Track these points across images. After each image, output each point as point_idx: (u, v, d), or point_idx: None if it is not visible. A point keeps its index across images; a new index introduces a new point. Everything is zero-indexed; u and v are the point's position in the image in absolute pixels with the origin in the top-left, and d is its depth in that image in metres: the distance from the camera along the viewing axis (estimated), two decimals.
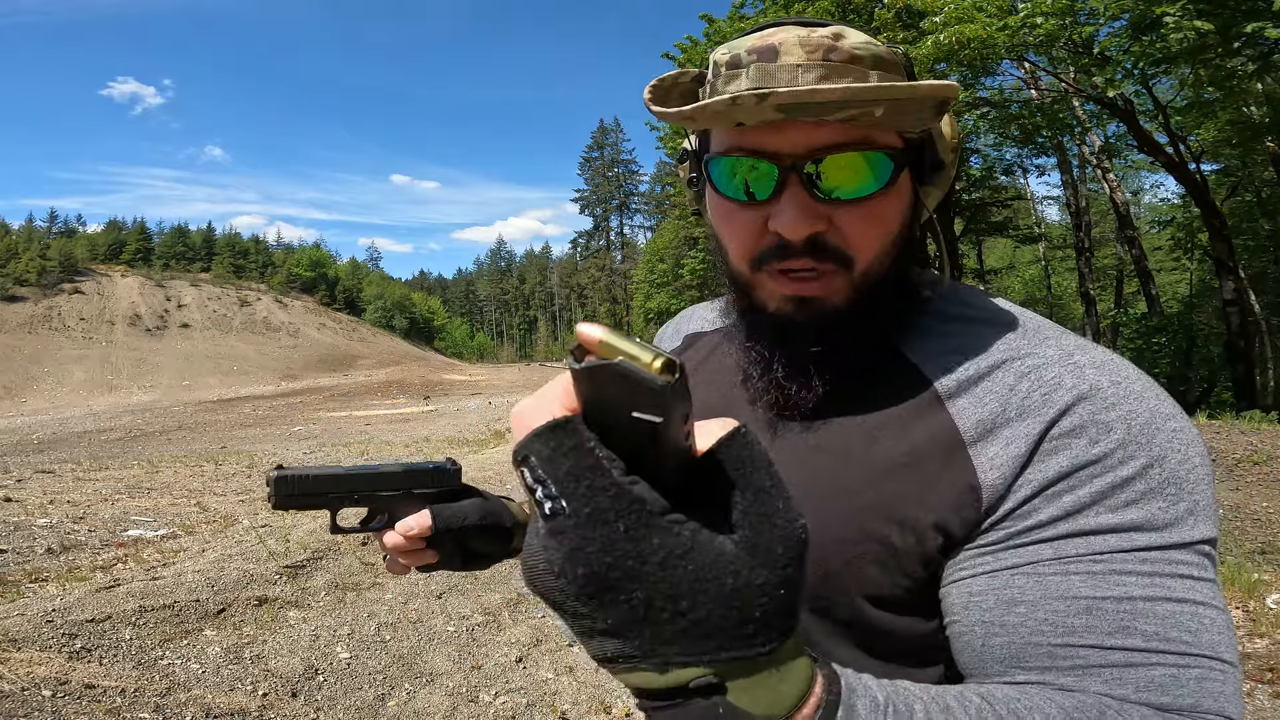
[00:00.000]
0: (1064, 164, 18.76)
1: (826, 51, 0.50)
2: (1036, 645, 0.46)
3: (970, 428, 0.51)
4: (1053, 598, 0.46)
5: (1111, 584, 0.45)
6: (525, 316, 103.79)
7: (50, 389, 34.50)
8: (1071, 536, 0.47)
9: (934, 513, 0.50)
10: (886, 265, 0.56)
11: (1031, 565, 0.47)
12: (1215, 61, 8.66)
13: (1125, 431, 0.47)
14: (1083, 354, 0.52)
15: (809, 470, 0.56)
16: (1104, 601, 0.45)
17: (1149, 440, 0.47)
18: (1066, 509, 0.47)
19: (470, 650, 3.07)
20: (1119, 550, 0.46)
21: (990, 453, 0.50)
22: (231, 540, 4.40)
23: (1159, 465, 0.47)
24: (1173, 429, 0.48)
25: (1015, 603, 0.47)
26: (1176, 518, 0.46)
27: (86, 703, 2.30)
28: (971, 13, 9.12)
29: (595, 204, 70.81)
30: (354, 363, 47.84)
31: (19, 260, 52.53)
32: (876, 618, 0.54)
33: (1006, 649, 0.48)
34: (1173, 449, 0.47)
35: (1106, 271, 25.22)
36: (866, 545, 0.52)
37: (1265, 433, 6.76)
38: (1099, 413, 0.48)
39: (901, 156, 0.54)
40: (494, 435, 11.30)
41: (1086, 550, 0.46)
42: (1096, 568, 0.46)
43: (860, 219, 0.53)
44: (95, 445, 12.86)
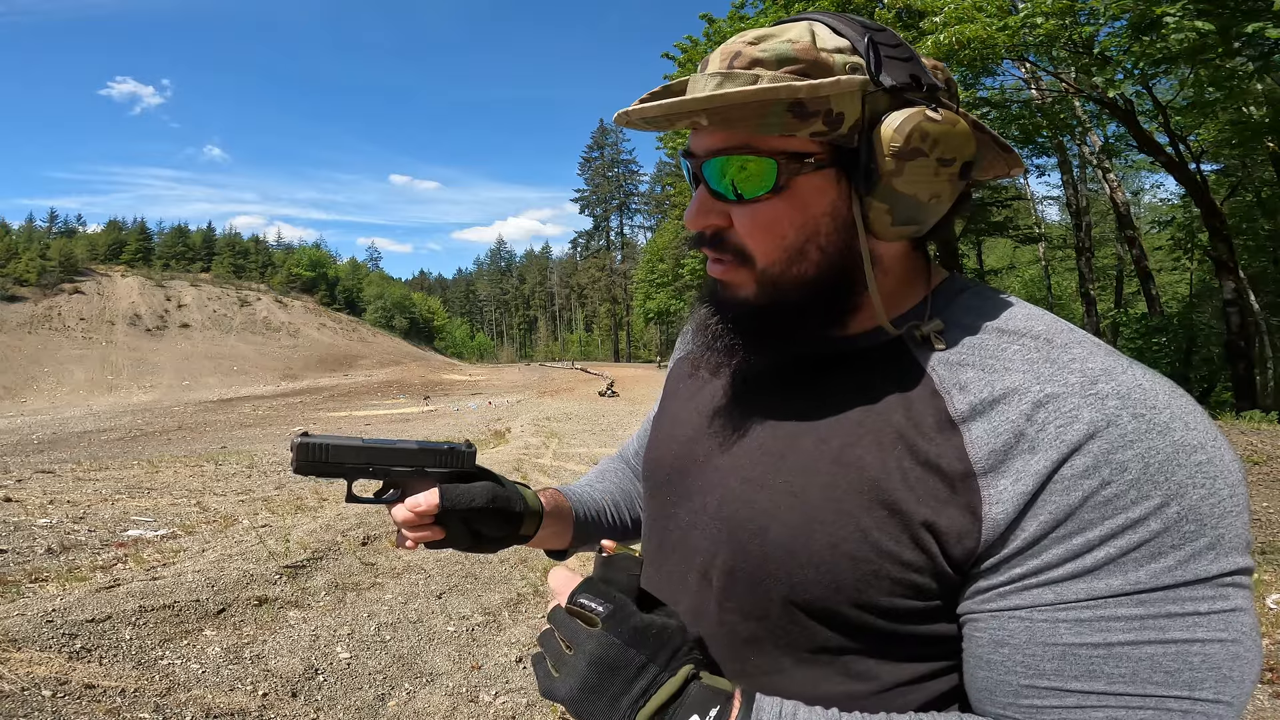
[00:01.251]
0: (1064, 164, 18.76)
1: (733, 59, 0.53)
2: (1006, 684, 0.49)
3: (982, 457, 0.49)
4: (1036, 642, 0.47)
5: (1095, 629, 0.46)
6: (525, 316, 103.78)
7: (50, 389, 34.49)
8: (1074, 579, 0.47)
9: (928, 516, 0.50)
10: (794, 272, 0.56)
11: (1029, 609, 0.48)
12: (1215, 62, 8.65)
13: (1141, 470, 0.46)
14: (1108, 381, 0.49)
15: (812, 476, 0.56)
16: (1080, 647, 0.46)
17: (1167, 478, 0.46)
18: (1074, 551, 0.47)
19: (470, 650, 3.07)
20: (1119, 594, 0.46)
21: (1000, 486, 0.48)
22: (231, 540, 4.40)
23: (1176, 502, 0.45)
24: (1197, 462, 0.46)
25: (1002, 644, 0.49)
26: (1193, 554, 0.45)
27: (86, 703, 2.30)
28: (971, 13, 9.12)
29: (595, 204, 70.79)
30: (354, 363, 47.83)
31: (19, 260, 52.53)
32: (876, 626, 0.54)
33: (985, 683, 0.50)
34: (1194, 484, 0.46)
35: (1106, 271, 25.22)
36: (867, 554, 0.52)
37: (1265, 433, 6.76)
38: (1114, 451, 0.46)
39: (796, 163, 0.53)
40: (494, 435, 11.30)
41: (1086, 595, 0.46)
42: (1086, 614, 0.46)
43: (749, 220, 0.55)
44: (95, 445, 12.86)
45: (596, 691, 0.51)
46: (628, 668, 0.52)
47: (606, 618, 0.53)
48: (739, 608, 0.59)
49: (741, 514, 0.59)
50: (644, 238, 69.01)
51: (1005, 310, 0.57)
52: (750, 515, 0.58)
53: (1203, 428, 0.48)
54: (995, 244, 26.67)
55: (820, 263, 0.56)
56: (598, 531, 0.87)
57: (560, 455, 8.66)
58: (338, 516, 4.95)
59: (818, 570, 0.54)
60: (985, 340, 0.55)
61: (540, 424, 12.47)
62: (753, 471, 0.60)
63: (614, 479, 0.95)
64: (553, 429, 11.62)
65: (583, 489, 0.90)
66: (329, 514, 5.14)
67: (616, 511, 0.90)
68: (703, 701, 0.51)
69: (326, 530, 4.49)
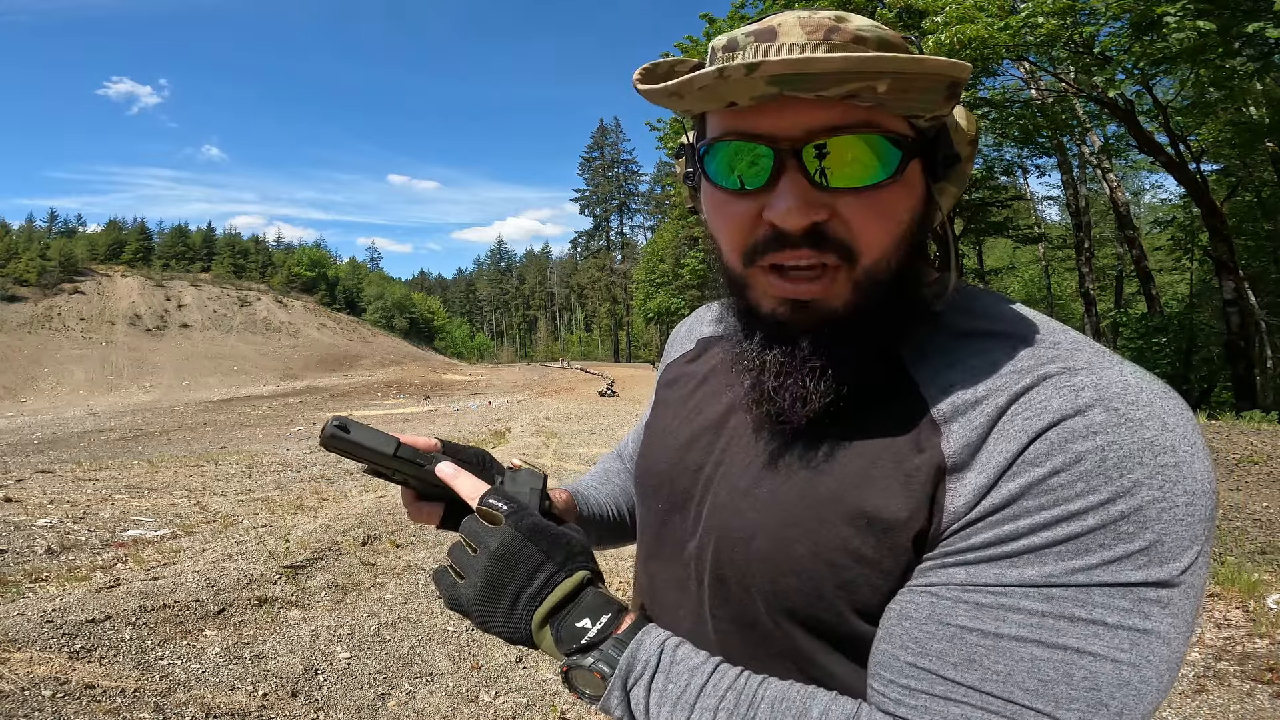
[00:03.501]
0: (1064, 164, 18.76)
1: (828, 31, 0.47)
2: (895, 659, 0.47)
3: (954, 453, 0.48)
4: (933, 619, 0.46)
5: (990, 617, 0.44)
6: (525, 316, 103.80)
7: (50, 389, 34.49)
8: (990, 563, 0.45)
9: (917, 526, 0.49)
10: (893, 266, 0.51)
11: (940, 586, 0.46)
12: (1215, 61, 8.65)
13: (1097, 463, 0.42)
14: (1089, 374, 0.46)
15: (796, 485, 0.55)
16: (970, 633, 0.44)
17: (1122, 474, 0.42)
18: (1001, 536, 0.44)
19: (470, 650, 3.07)
20: (1028, 584, 0.43)
21: (965, 479, 0.47)
22: (231, 540, 4.40)
23: (1124, 499, 0.42)
24: (1162, 463, 0.42)
25: (906, 616, 0.47)
26: (1120, 556, 0.42)
27: (86, 703, 2.30)
28: (973, 12, 9.12)
29: (595, 204, 70.80)
30: (354, 363, 47.82)
31: (19, 260, 52.53)
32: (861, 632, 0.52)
33: (880, 656, 0.49)
34: (1151, 484, 0.42)
35: (1106, 271, 25.23)
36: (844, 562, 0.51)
37: (1265, 433, 6.76)
38: (1072, 440, 0.43)
39: (911, 146, 0.49)
40: (494, 435, 11.30)
41: (995, 580, 0.44)
42: (989, 599, 0.44)
43: (865, 209, 0.49)
44: (95, 445, 12.86)
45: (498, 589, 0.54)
46: (527, 562, 0.54)
47: (509, 514, 0.56)
48: (729, 616, 0.59)
49: (730, 524, 0.58)
50: (644, 238, 69.06)
51: (997, 312, 0.55)
52: (739, 525, 0.57)
53: (1182, 431, 0.44)
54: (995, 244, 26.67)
55: (904, 259, 0.52)
56: (602, 533, 0.87)
57: (560, 455, 8.66)
58: (338, 516, 4.95)
59: (799, 578, 0.52)
60: (974, 343, 0.53)
61: (540, 424, 12.47)
62: (741, 481, 0.59)
63: (616, 480, 0.95)
64: (553, 429, 11.62)
65: (589, 490, 0.90)
66: (329, 514, 5.14)
67: (618, 511, 0.91)
68: (595, 608, 0.53)
69: (326, 530, 4.49)
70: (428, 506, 0.70)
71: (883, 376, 0.54)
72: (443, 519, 0.70)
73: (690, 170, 0.58)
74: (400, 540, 4.46)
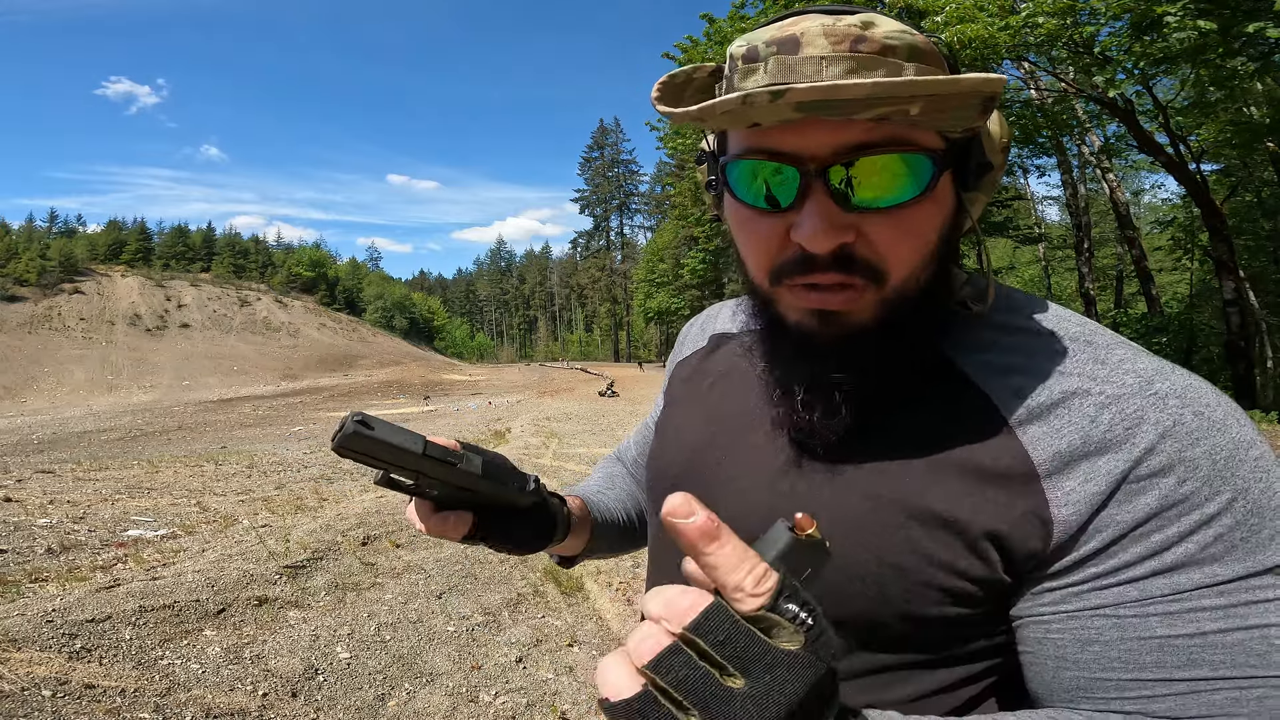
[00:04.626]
0: (1064, 164, 18.76)
1: (854, 42, 0.45)
2: (1106, 680, 0.48)
3: (1046, 459, 0.49)
4: (1129, 638, 0.47)
5: (1185, 621, 0.46)
6: (525, 316, 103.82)
7: (50, 389, 34.49)
8: (1156, 576, 0.47)
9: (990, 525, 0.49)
10: (923, 280, 0.51)
11: (1114, 607, 0.47)
12: (1216, 61, 8.65)
13: (1210, 467, 0.46)
14: (1162, 381, 0.49)
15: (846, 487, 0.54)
16: (1176, 639, 0.46)
17: (1233, 473, 0.47)
18: (1154, 549, 0.47)
19: (470, 650, 3.07)
20: (1200, 586, 0.46)
21: (1067, 487, 0.48)
22: (231, 540, 4.39)
23: (1243, 497, 0.46)
24: (1255, 458, 0.47)
25: (1091, 642, 0.48)
26: (1258, 545, 0.46)
27: (86, 703, 2.30)
28: (973, 12, 9.12)
29: (595, 204, 70.79)
30: (354, 363, 47.83)
31: (19, 260, 52.53)
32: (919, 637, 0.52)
33: (1076, 681, 0.49)
34: (1255, 479, 0.47)
35: (1106, 271, 25.23)
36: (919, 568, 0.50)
37: (1265, 433, 6.76)
38: (1185, 449, 0.47)
39: (942, 159, 0.48)
40: (494, 435, 11.30)
41: (1170, 590, 0.46)
42: (1174, 607, 0.46)
43: (894, 229, 0.49)
44: (95, 445, 12.86)
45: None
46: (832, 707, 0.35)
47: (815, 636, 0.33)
48: None
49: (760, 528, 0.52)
50: (644, 238, 69.07)
51: (1038, 311, 0.56)
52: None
53: (1249, 424, 0.49)
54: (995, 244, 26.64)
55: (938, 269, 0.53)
56: (610, 540, 0.84)
57: (560, 455, 8.66)
58: (338, 516, 4.95)
59: (863, 583, 0.52)
60: (1028, 343, 0.54)
61: (540, 424, 12.47)
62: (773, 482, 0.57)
63: (622, 485, 0.92)
64: (552, 429, 11.61)
65: (597, 496, 0.86)
66: (329, 514, 5.14)
67: (628, 518, 0.88)
68: None
69: (326, 530, 4.49)
70: (454, 516, 0.61)
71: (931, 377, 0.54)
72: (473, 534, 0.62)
73: (713, 179, 0.57)
74: (400, 540, 4.46)
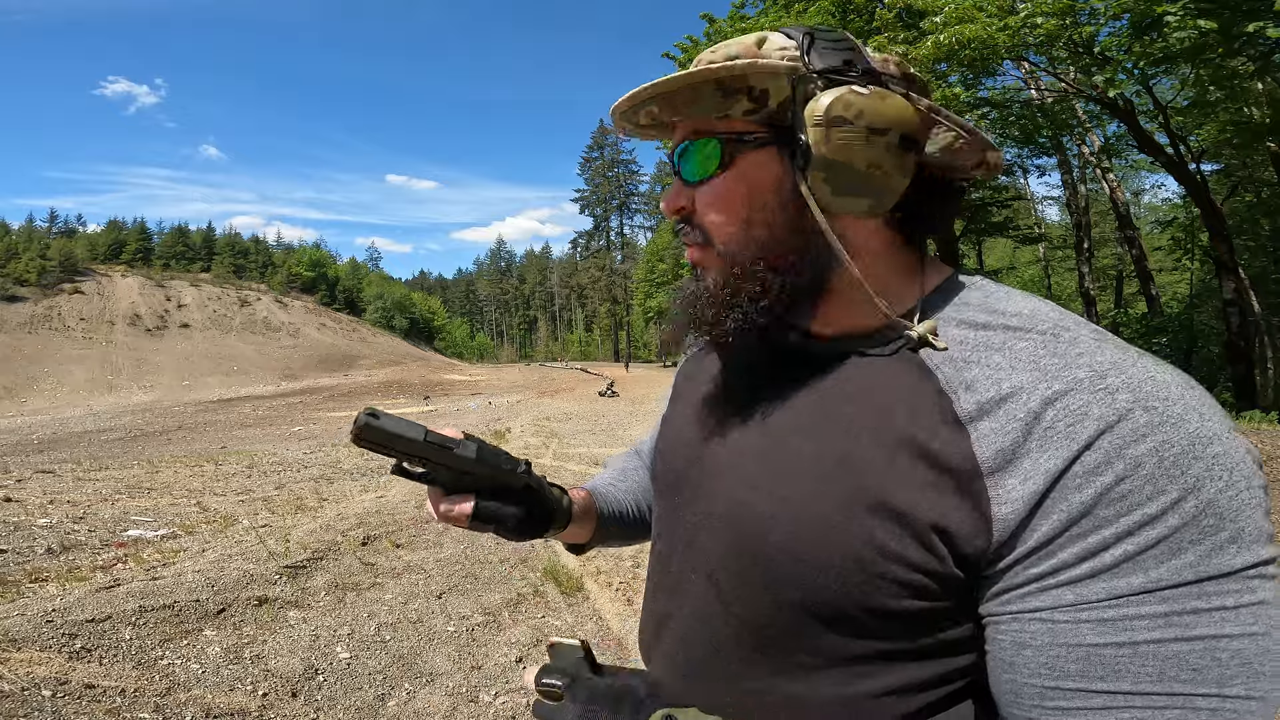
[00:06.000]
0: (1064, 164, 18.76)
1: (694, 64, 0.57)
2: (1031, 686, 0.48)
3: (990, 456, 0.49)
4: (1059, 643, 0.47)
5: (1119, 629, 0.45)
6: (525, 317, 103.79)
7: (50, 389, 34.48)
8: (1093, 579, 0.46)
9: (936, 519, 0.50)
10: (752, 246, 0.58)
11: (1050, 610, 0.47)
12: (1216, 61, 8.64)
13: (1156, 465, 0.45)
14: (1118, 375, 0.48)
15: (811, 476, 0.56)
16: (1105, 648, 0.45)
17: (1183, 471, 0.45)
18: (1091, 549, 0.46)
19: (470, 650, 3.07)
20: (1141, 591, 0.45)
21: (1008, 485, 0.48)
22: (231, 540, 4.39)
23: (1193, 496, 0.44)
24: (1214, 454, 0.45)
25: (1025, 646, 0.48)
26: (1214, 548, 0.44)
27: (86, 703, 2.30)
28: (972, 12, 9.12)
29: (595, 204, 70.74)
30: (354, 363, 47.80)
31: (19, 260, 52.48)
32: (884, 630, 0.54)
33: (1010, 686, 0.50)
34: (1211, 476, 0.45)
35: (1106, 272, 25.23)
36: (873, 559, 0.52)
37: (1265, 433, 6.75)
38: (1127, 445, 0.45)
39: (736, 143, 0.58)
40: (494, 435, 11.30)
41: (1107, 594, 0.45)
42: (1110, 613, 0.45)
43: (706, 199, 0.60)
44: (95, 445, 12.86)
45: None
46: None
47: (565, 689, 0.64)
48: (746, 611, 0.60)
49: (743, 516, 0.60)
50: (644, 238, 69.05)
51: (1010, 305, 0.56)
52: (752, 518, 0.59)
53: (1217, 419, 0.47)
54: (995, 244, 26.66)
55: (770, 238, 0.58)
56: (619, 529, 0.91)
57: (560, 455, 8.66)
58: (338, 517, 4.95)
59: (827, 574, 0.54)
60: (991, 337, 0.54)
61: (540, 424, 12.47)
62: (754, 475, 0.60)
63: (635, 477, 0.97)
64: (553, 429, 11.61)
65: (606, 488, 0.93)
66: (329, 514, 5.14)
67: (637, 509, 0.94)
68: None
69: (326, 530, 4.49)
70: (459, 500, 0.69)
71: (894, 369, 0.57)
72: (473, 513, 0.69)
73: None
74: (400, 540, 4.46)
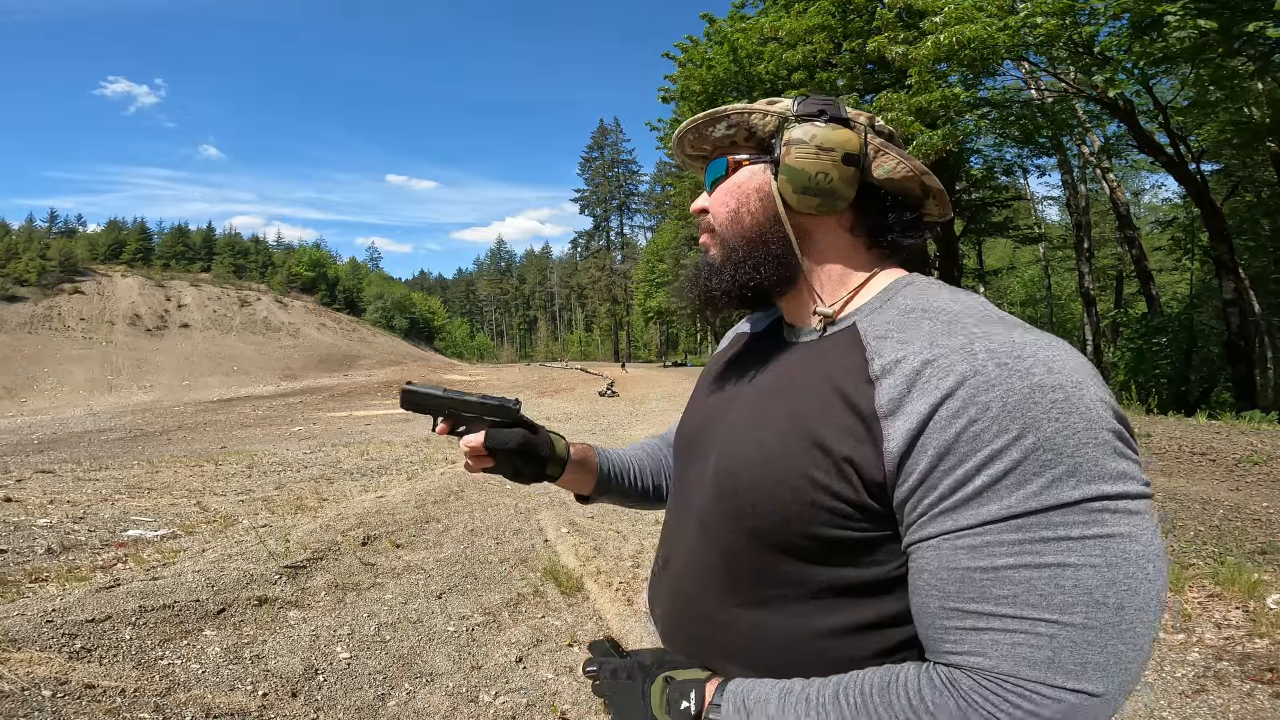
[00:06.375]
0: (1064, 164, 18.75)
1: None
2: (929, 607, 0.58)
3: (884, 404, 0.60)
4: (944, 568, 0.56)
5: (984, 554, 0.53)
6: (525, 317, 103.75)
7: (50, 389, 34.47)
8: (962, 506, 0.55)
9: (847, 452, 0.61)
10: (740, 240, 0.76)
11: (937, 537, 0.56)
12: (1216, 61, 8.64)
13: (1000, 408, 0.53)
14: (984, 341, 0.57)
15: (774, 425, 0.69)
16: (975, 571, 0.54)
17: (1024, 413, 0.52)
18: (959, 481, 0.54)
19: (470, 650, 3.07)
20: (999, 519, 0.53)
21: (895, 426, 0.58)
22: (231, 540, 4.39)
23: (1032, 433, 0.52)
24: (1052, 400, 0.53)
25: (923, 570, 0.58)
26: (1053, 480, 0.51)
27: (86, 703, 2.30)
28: (972, 12, 9.12)
29: (595, 204, 70.72)
30: (354, 363, 47.77)
31: (19, 260, 52.45)
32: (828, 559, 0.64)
33: (917, 609, 0.59)
34: (1049, 417, 0.52)
35: (1106, 272, 25.23)
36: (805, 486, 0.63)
37: (1265, 433, 6.75)
38: (979, 393, 0.54)
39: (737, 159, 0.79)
40: None
41: (973, 521, 0.54)
42: (977, 540, 0.54)
43: (715, 197, 0.80)
44: (95, 445, 12.85)
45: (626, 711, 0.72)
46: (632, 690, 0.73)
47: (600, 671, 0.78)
48: (716, 545, 0.73)
49: (726, 465, 0.74)
50: (644, 238, 69.02)
51: (934, 298, 0.68)
52: (731, 466, 0.72)
53: (1066, 372, 0.54)
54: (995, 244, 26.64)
55: (752, 223, 0.76)
56: (623, 488, 1.06)
57: None
58: (338, 516, 4.95)
59: (770, 503, 0.66)
60: (908, 319, 0.66)
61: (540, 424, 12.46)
62: (738, 432, 0.75)
63: (649, 448, 1.12)
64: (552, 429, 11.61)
65: (615, 451, 1.08)
66: (329, 514, 5.14)
67: (642, 474, 1.07)
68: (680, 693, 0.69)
69: (326, 530, 4.49)
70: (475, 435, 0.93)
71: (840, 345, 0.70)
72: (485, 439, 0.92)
73: None
74: (400, 540, 4.46)
